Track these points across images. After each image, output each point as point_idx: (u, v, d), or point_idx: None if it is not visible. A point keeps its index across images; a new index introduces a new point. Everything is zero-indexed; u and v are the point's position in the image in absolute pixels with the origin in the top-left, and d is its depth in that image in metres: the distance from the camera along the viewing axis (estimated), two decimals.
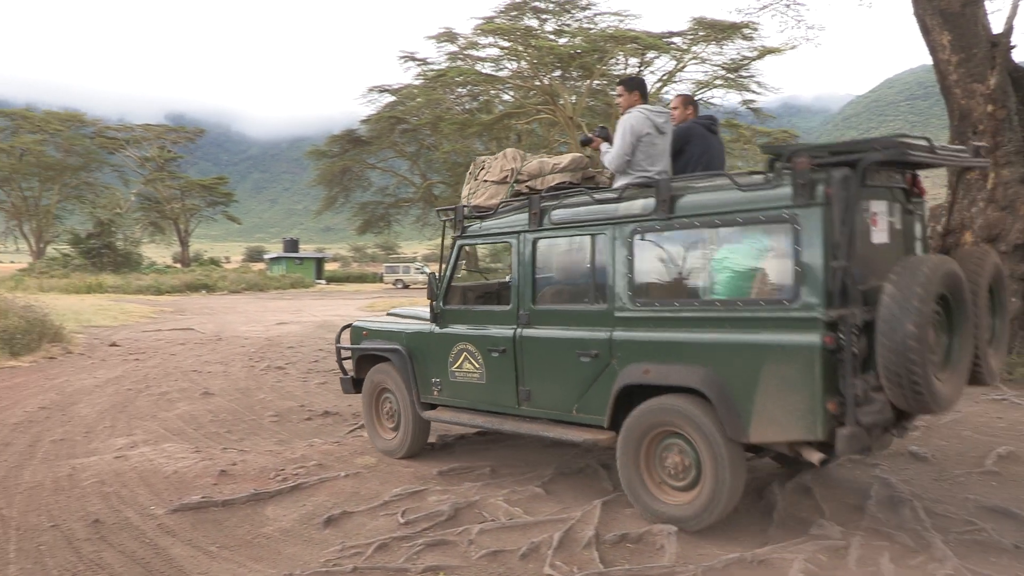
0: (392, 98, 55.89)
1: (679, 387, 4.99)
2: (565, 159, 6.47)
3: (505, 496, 5.85)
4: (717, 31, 38.36)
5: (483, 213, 6.50)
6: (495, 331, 6.17)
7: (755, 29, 37.74)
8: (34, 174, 65.05)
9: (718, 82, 41.14)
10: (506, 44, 42.33)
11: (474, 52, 45.56)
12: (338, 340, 8.16)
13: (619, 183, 5.78)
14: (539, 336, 5.87)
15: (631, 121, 5.85)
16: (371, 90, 55.94)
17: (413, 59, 50.68)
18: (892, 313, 4.32)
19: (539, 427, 5.90)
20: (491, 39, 42.76)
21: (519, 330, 5.99)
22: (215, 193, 70.05)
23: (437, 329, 6.67)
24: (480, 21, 42.27)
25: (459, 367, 6.45)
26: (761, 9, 18.22)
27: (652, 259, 5.28)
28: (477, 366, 6.30)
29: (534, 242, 6.00)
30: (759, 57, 39.03)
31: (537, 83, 42.99)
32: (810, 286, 4.50)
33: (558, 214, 5.85)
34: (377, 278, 54.63)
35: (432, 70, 48.28)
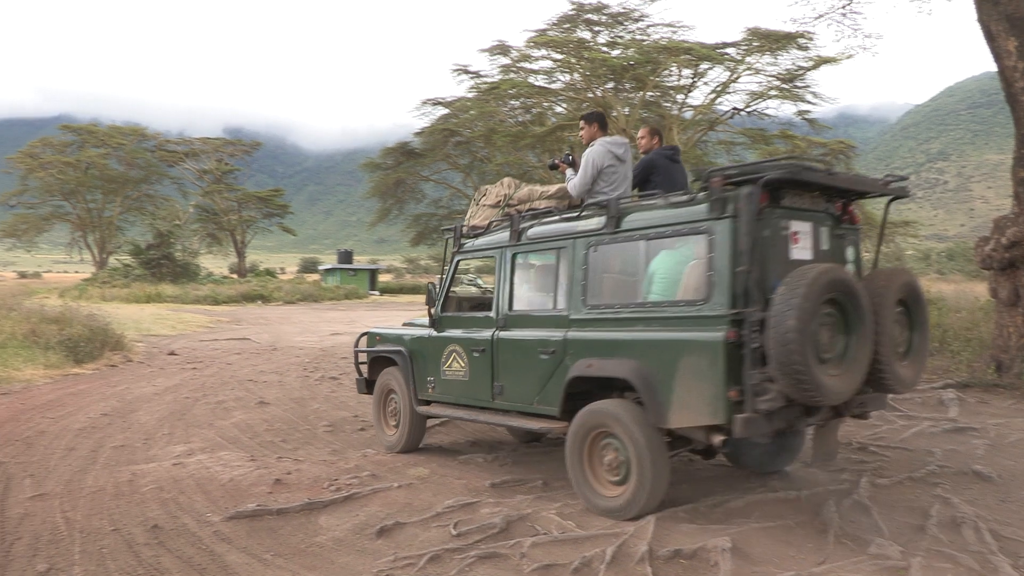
0: (446, 111, 56.22)
1: (615, 379, 5.68)
2: (552, 188, 7.18)
3: (557, 509, 5.82)
4: (772, 41, 37.95)
5: (477, 232, 7.39)
6: (478, 334, 6.98)
7: (810, 39, 37.21)
8: (98, 187, 66.83)
9: (772, 93, 40.63)
10: (559, 56, 42.37)
11: (527, 65, 45.66)
12: (356, 345, 8.81)
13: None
14: (511, 338, 6.66)
15: (593, 155, 6.69)
16: (425, 103, 56.35)
17: (466, 72, 50.96)
18: (780, 311, 4.83)
19: (507, 418, 6.72)
20: (544, 51, 42.82)
21: (496, 333, 6.80)
22: (271, 205, 71.06)
23: (434, 333, 7.51)
24: (533, 34, 42.37)
25: (449, 366, 7.29)
26: (817, 19, 17.91)
27: (601, 268, 6.07)
28: (463, 365, 7.12)
29: (513, 256, 6.87)
30: (814, 67, 38.46)
31: (590, 95, 42.95)
32: (718, 289, 5.16)
33: (533, 232, 6.71)
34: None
35: (485, 83, 48.49)
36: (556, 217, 6.60)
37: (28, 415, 10.06)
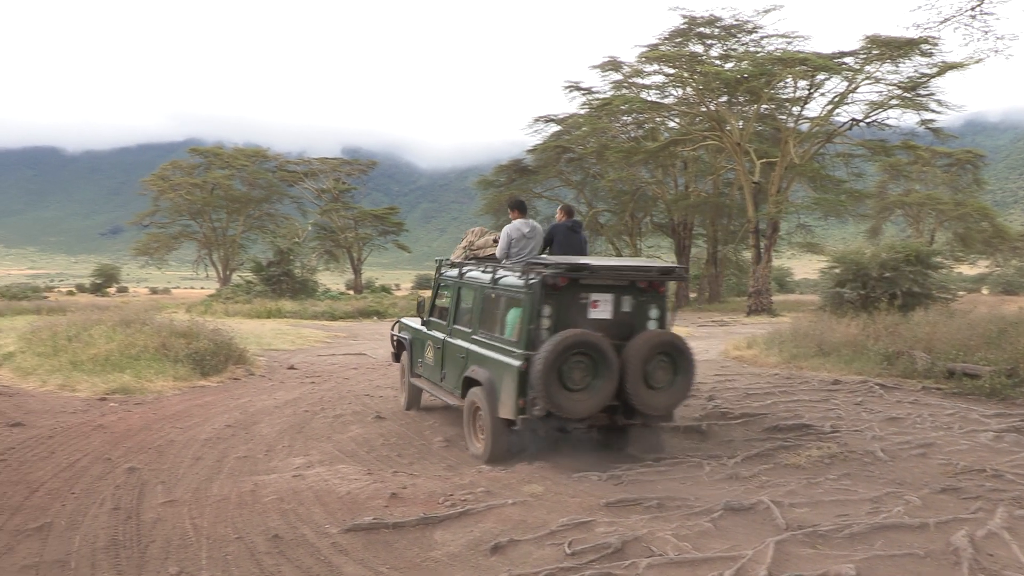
0: (558, 127, 56.45)
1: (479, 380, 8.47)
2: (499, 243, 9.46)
3: (674, 530, 5.72)
4: (892, 49, 36.64)
5: (451, 264, 10.46)
6: (439, 336, 10.13)
7: (935, 44, 35.77)
8: (222, 206, 69.65)
9: (894, 102, 39.19)
10: (671, 71, 42.02)
11: (639, 80, 45.47)
12: (392, 329, 12.50)
13: None
14: (450, 342, 9.72)
15: (507, 230, 9.08)
16: (537, 120, 56.72)
17: (578, 88, 51.07)
18: (538, 357, 7.60)
19: (443, 393, 9.81)
20: (656, 66, 42.55)
21: (445, 337, 9.89)
22: (387, 222, 72.44)
23: (424, 330, 10.77)
24: (645, 49, 42.17)
25: (426, 355, 10.60)
26: (942, 23, 17.12)
27: (490, 307, 8.96)
28: (432, 355, 10.33)
29: (458, 288, 9.92)
30: (939, 74, 36.93)
31: (703, 109, 42.39)
32: (521, 335, 8.00)
33: (468, 273, 9.72)
34: None
35: (597, 99, 48.46)
36: (481, 266, 9.47)
37: (159, 424, 10.51)
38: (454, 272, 10.10)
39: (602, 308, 8.19)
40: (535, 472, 7.58)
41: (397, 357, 12.09)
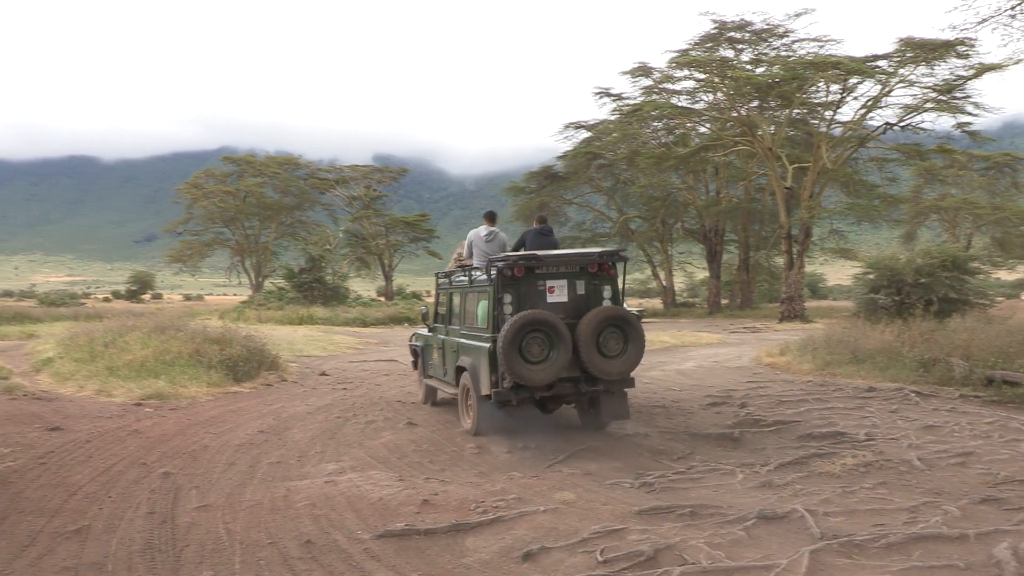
0: (588, 134, 56.40)
1: (466, 367, 9.95)
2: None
3: (706, 539, 5.67)
4: (927, 51, 36.20)
5: (447, 274, 11.69)
6: (439, 337, 11.59)
7: (971, 46, 35.28)
8: (255, 214, 70.29)
9: (928, 105, 38.71)
10: (702, 76, 41.83)
11: (669, 85, 45.31)
12: (409, 340, 14.09)
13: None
14: (447, 340, 11.13)
15: (470, 236, 11.14)
16: (567, 126, 56.74)
17: (608, 95, 51.03)
18: (501, 335, 8.89)
19: (447, 387, 11.21)
20: (686, 72, 42.39)
21: (444, 337, 11.32)
22: (418, 229, 72.69)
23: (430, 335, 12.21)
24: (675, 54, 42.01)
25: (433, 356, 12.07)
26: (979, 23, 16.86)
27: (470, 304, 10.40)
28: (436, 356, 11.83)
29: (449, 293, 11.43)
30: (976, 76, 36.41)
31: (734, 114, 42.16)
32: (489, 322, 9.42)
33: (456, 279, 11.11)
34: None
35: (627, 105, 48.38)
36: (464, 272, 10.76)
37: (193, 430, 10.62)
38: (446, 280, 11.65)
39: (558, 292, 9.53)
40: (566, 479, 7.56)
41: (416, 365, 13.33)
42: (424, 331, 12.87)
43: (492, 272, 9.36)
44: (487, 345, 9.21)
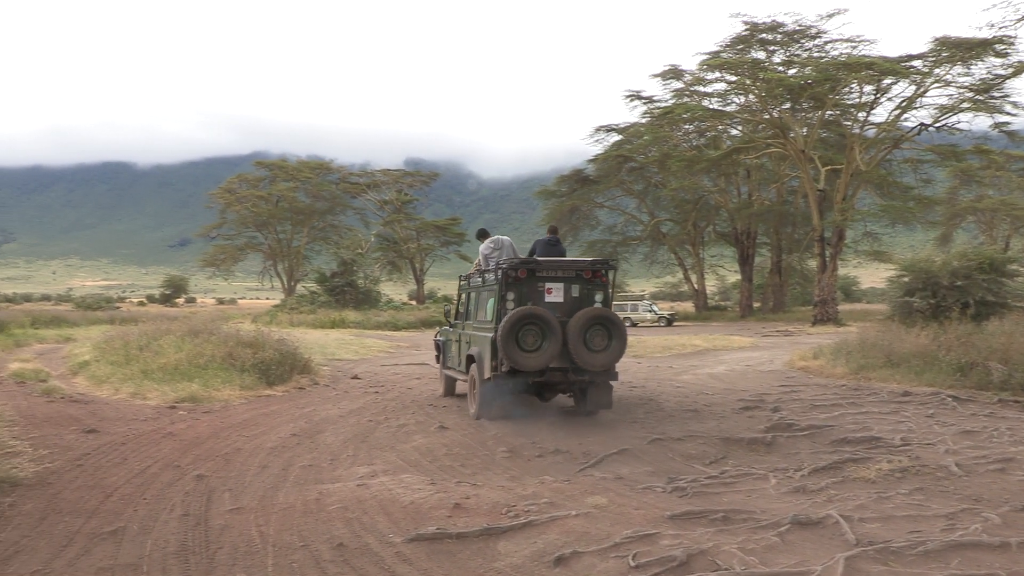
0: (619, 137, 56.28)
1: (474, 356, 11.43)
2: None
3: (740, 544, 5.62)
4: (964, 50, 35.74)
5: (467, 277, 13.23)
6: (458, 332, 13.00)
7: (1010, 44, 34.80)
8: (287, 218, 70.87)
9: (965, 105, 38.22)
10: (733, 78, 41.60)
11: (700, 88, 45.11)
12: (435, 336, 15.51)
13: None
14: (463, 333, 12.57)
15: (481, 249, 12.45)
16: (598, 130, 56.68)
17: (639, 97, 50.91)
18: (499, 328, 10.34)
19: (461, 376, 12.67)
20: (717, 74, 42.17)
21: (460, 332, 12.84)
22: (448, 233, 72.97)
23: (451, 331, 13.58)
24: (706, 56, 41.82)
25: (451, 349, 13.50)
26: (1019, 21, 16.55)
27: (481, 301, 11.94)
28: (454, 349, 13.25)
29: (467, 293, 13.02)
30: (1015, 74, 35.88)
31: (766, 116, 41.88)
32: (494, 315, 10.88)
33: (473, 281, 12.68)
34: None
35: (658, 108, 48.21)
36: (477, 275, 12.37)
37: (226, 433, 10.70)
38: (465, 283, 13.37)
39: (555, 294, 11.03)
40: (598, 483, 7.53)
41: (438, 359, 14.70)
42: (448, 328, 14.16)
43: (499, 273, 10.95)
44: (491, 335, 10.71)
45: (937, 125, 39.59)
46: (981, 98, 37.32)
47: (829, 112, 41.50)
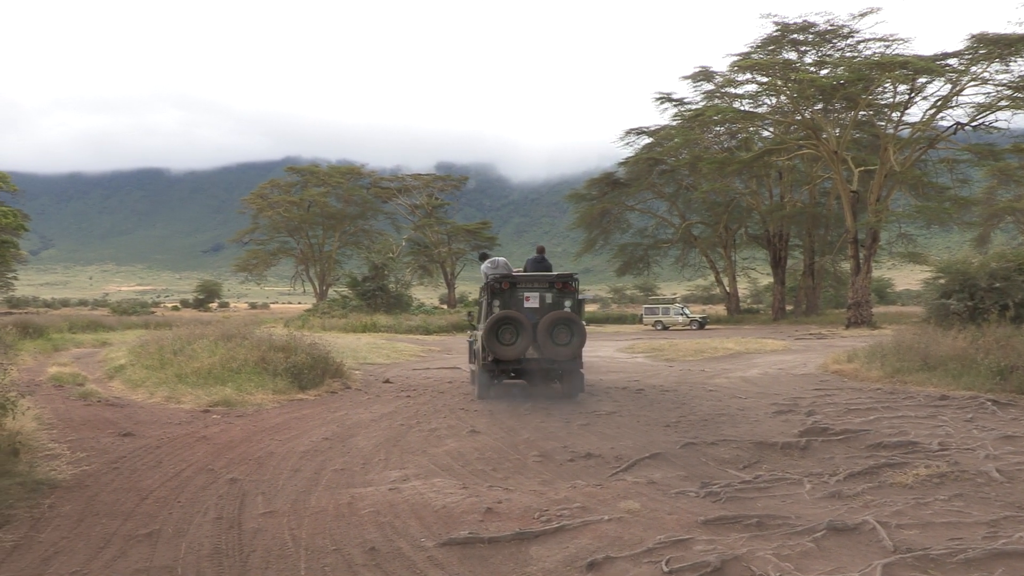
0: (649, 139, 56.07)
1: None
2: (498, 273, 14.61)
3: (774, 550, 5.55)
4: (1002, 47, 35.19)
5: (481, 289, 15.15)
6: (475, 333, 15.14)
7: None
8: (319, 223, 71.41)
9: (1003, 103, 37.59)
10: (764, 79, 41.31)
11: (731, 89, 44.84)
12: (467, 337, 18.32)
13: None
14: (476, 334, 14.77)
15: (482, 268, 14.41)
16: (628, 132, 56.51)
17: (669, 100, 50.69)
18: (485, 325, 13.54)
19: (474, 366, 15.00)
20: (749, 75, 41.89)
21: (476, 332, 14.92)
22: (479, 237, 73.09)
23: (477, 333, 14.93)
24: (737, 57, 41.56)
25: (474, 347, 15.30)
26: None
27: (484, 307, 14.16)
28: (476, 346, 14.93)
29: (480, 302, 15.01)
30: None
31: (798, 117, 41.54)
32: (482, 317, 14.23)
33: (482, 293, 14.43)
34: (636, 319, 54.60)
35: (689, 110, 47.98)
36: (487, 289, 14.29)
37: (259, 436, 10.77)
38: (479, 294, 15.61)
39: (532, 300, 13.82)
40: (630, 488, 7.48)
41: (469, 357, 16.97)
42: (471, 331, 16.94)
43: (484, 284, 14.14)
44: (479, 333, 14.16)
45: (974, 124, 39.03)
46: (1020, 95, 36.69)
47: (862, 112, 41.04)
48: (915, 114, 40.37)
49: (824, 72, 39.17)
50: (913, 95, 38.70)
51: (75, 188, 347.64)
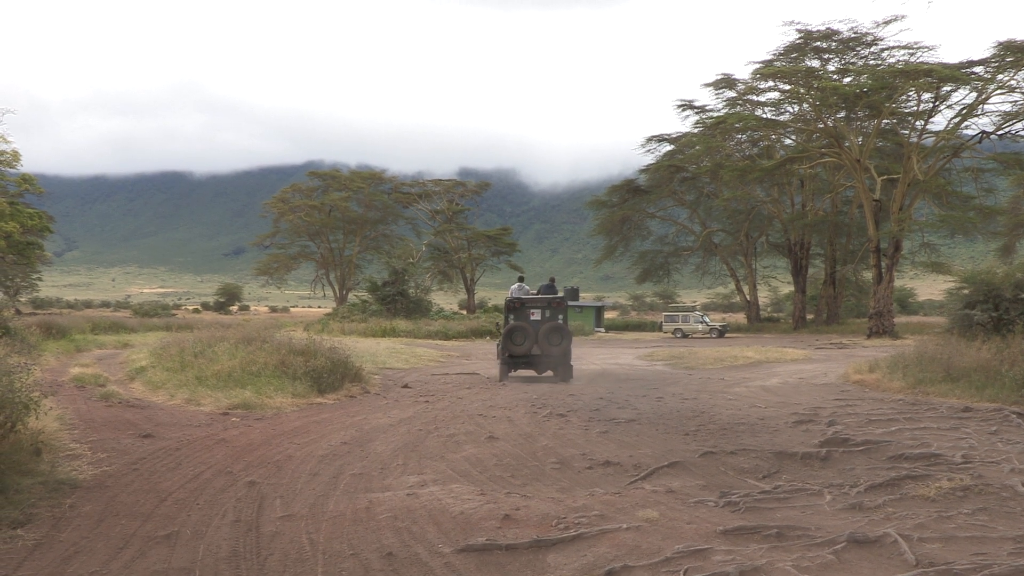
0: (671, 147, 55.97)
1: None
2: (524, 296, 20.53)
3: (794, 561, 5.50)
4: None
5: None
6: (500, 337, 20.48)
7: None
8: (339, 227, 71.76)
9: None
10: (787, 87, 41.16)
11: (753, 97, 44.72)
12: (496, 343, 21.32)
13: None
14: (500, 337, 20.44)
15: (511, 289, 20.31)
16: (650, 139, 56.45)
17: (691, 107, 50.64)
18: (504, 331, 19.51)
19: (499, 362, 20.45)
20: (771, 83, 41.75)
21: (501, 338, 19.83)
22: (500, 243, 73.18)
23: (502, 336, 19.64)
24: (759, 65, 41.43)
25: (499, 348, 20.26)
26: None
27: (505, 318, 20.25)
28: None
29: (503, 313, 20.56)
30: None
31: (820, 125, 41.32)
32: (504, 322, 20.25)
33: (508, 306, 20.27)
34: (656, 327, 54.38)
35: (711, 117, 47.86)
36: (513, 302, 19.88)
37: (278, 440, 10.80)
38: (505, 307, 20.18)
39: (536, 315, 19.31)
40: (649, 496, 7.44)
41: (497, 355, 20.52)
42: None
43: (506, 304, 19.84)
44: (501, 336, 19.58)
45: (1000, 133, 38.69)
46: None
47: (886, 121, 40.79)
48: (939, 122, 40.14)
49: (847, 80, 38.96)
50: (938, 103, 38.41)
51: (99, 191, 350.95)
